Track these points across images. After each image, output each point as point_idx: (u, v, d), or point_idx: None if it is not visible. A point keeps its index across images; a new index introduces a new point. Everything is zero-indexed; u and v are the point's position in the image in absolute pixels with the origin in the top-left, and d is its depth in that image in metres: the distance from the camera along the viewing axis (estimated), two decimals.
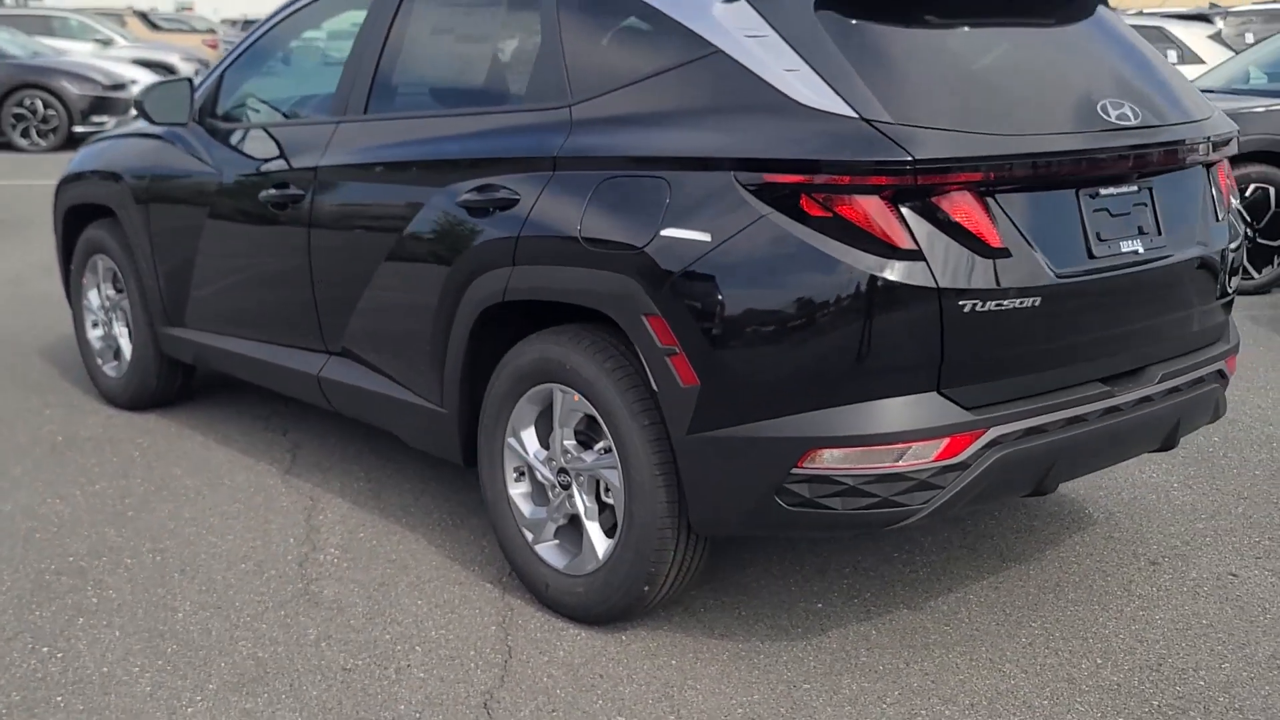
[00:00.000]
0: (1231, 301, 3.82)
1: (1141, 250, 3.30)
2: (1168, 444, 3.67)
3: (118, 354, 5.42)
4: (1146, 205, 3.36)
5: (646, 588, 3.31)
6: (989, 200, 3.02)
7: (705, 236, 3.04)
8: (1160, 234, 3.37)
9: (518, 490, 3.64)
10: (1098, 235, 3.21)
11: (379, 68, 4.14)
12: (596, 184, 3.28)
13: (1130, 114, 3.27)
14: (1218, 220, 3.62)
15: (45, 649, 3.36)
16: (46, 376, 5.91)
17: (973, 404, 3.07)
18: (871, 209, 2.89)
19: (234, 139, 4.66)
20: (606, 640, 3.41)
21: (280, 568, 3.84)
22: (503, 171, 3.53)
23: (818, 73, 3.02)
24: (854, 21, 3.13)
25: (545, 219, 3.38)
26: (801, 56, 3.06)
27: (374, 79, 4.13)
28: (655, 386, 3.15)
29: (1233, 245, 3.71)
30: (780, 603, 3.63)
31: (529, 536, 3.60)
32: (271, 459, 4.78)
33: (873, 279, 2.89)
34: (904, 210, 2.92)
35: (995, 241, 2.99)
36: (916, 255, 2.91)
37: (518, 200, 3.45)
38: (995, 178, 3.01)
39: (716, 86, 3.16)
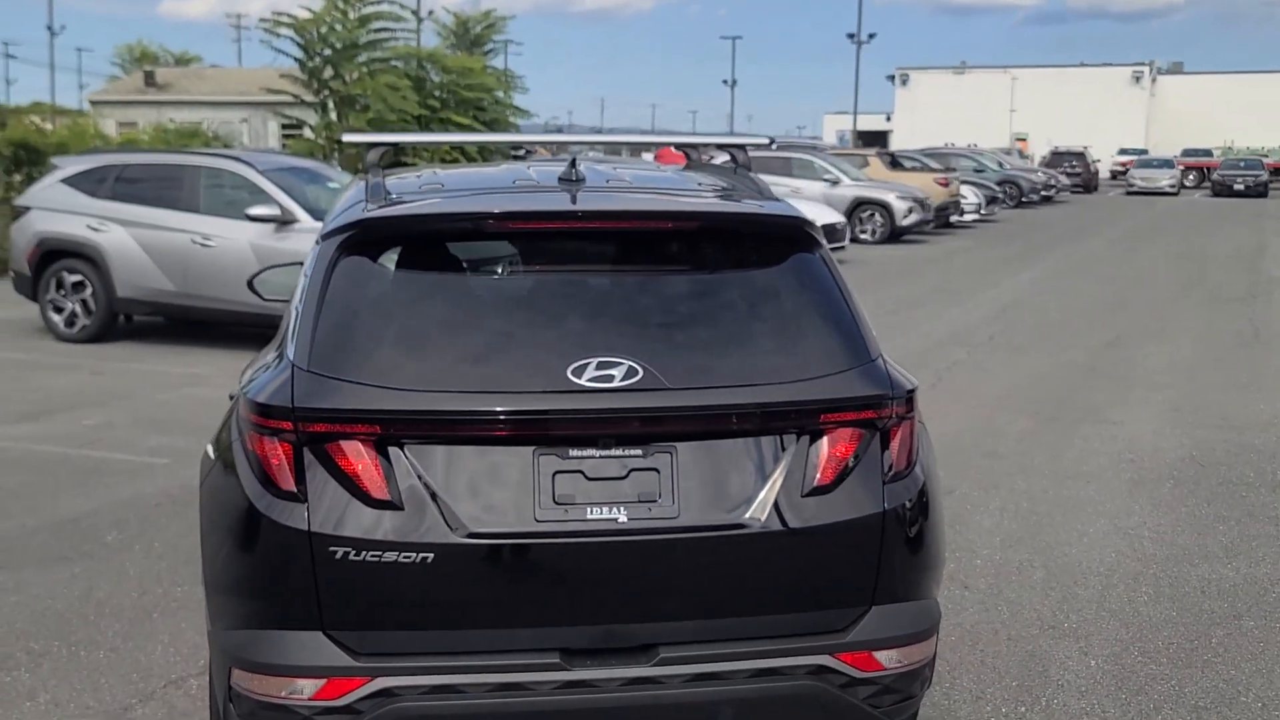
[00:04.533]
0: (870, 590, 3.31)
1: (624, 519, 3.13)
2: None
3: None
4: (656, 471, 3.17)
5: None
6: (393, 452, 3.10)
7: (213, 453, 3.55)
8: (674, 502, 3.16)
9: None
10: (554, 498, 3.12)
11: None
12: None
13: (620, 375, 3.15)
14: (810, 493, 3.23)
15: None
16: None
17: (366, 650, 3.12)
18: (269, 450, 3.16)
19: None
20: None
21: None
22: None
23: (310, 313, 3.29)
24: (366, 263, 3.37)
25: None
26: (316, 298, 3.31)
27: None
28: None
29: (866, 518, 3.26)
30: None
31: None
32: None
33: (258, 514, 3.14)
34: (304, 454, 3.11)
35: (379, 493, 3.08)
36: (296, 498, 3.10)
37: None
38: (395, 432, 3.09)
39: None
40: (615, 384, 3.17)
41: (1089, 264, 22.07)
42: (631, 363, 3.20)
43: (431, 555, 3.08)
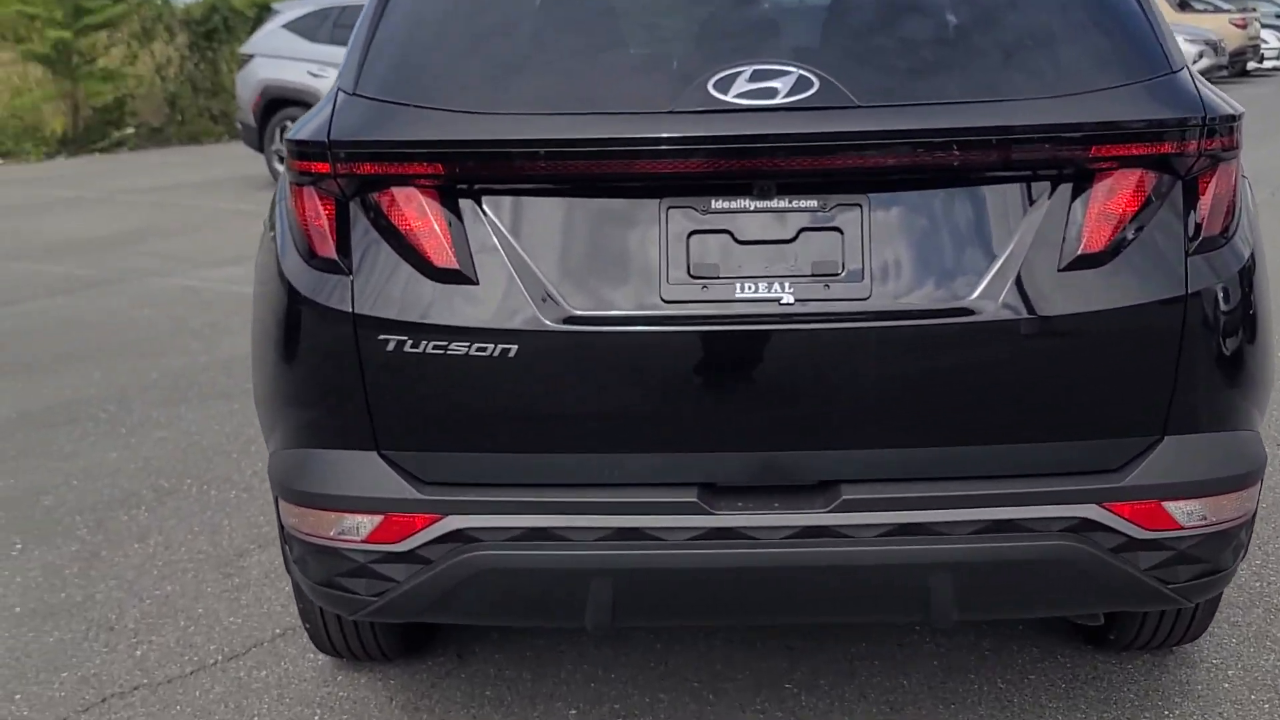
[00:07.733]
0: (1162, 412, 2.29)
1: (790, 299, 2.20)
2: (937, 619, 2.38)
3: None
4: (839, 231, 2.22)
5: (308, 625, 2.99)
6: (464, 204, 2.26)
7: (265, 225, 2.70)
8: (865, 276, 2.22)
9: None
10: (689, 269, 2.22)
11: None
12: None
13: (785, 89, 2.17)
14: (1072, 265, 2.23)
15: None
16: None
17: (433, 479, 2.32)
18: (308, 206, 2.34)
19: None
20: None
21: None
22: None
23: (365, 28, 2.45)
24: None
25: None
26: (375, 9, 2.46)
27: None
28: None
29: (1160, 305, 2.25)
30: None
31: None
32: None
33: (292, 292, 2.35)
34: (350, 207, 2.30)
35: (444, 260, 2.24)
36: (338, 268, 2.30)
37: None
38: (466, 173, 2.25)
39: None
40: (778, 100, 2.19)
41: None
42: (803, 71, 2.22)
43: (516, 346, 2.23)
